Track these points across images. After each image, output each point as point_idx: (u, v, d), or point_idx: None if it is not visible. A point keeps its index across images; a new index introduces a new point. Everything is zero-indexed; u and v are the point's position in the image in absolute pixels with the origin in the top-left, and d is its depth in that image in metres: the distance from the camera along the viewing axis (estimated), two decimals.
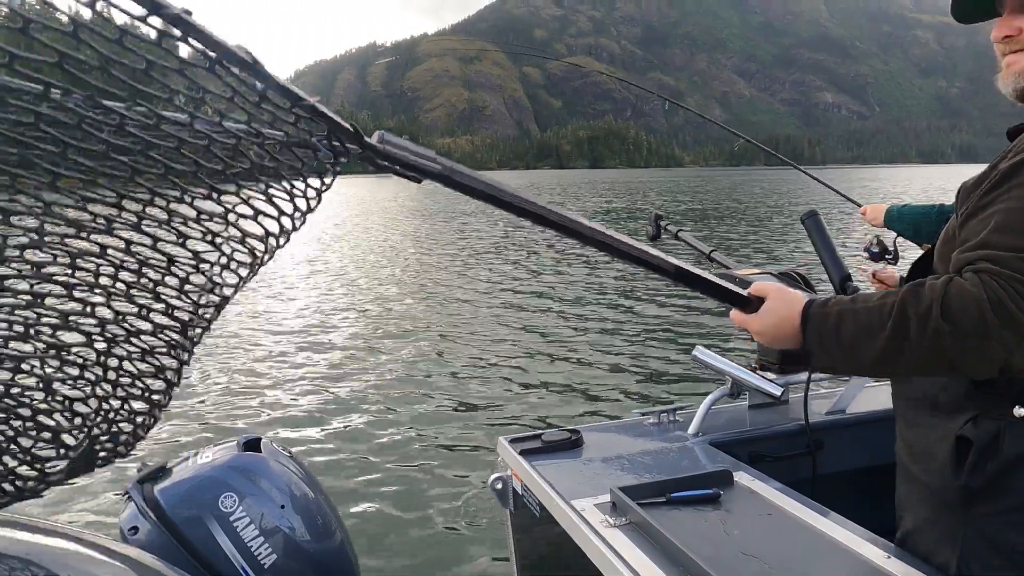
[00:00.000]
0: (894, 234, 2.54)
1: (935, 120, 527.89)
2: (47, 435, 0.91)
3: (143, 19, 0.63)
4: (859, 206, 2.76)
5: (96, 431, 0.96)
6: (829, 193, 3.11)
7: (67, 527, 1.09)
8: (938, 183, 53.58)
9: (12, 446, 0.91)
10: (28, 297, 0.79)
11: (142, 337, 0.88)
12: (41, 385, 0.86)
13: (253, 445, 1.59)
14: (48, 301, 0.80)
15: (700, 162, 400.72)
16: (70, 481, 4.68)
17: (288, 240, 0.75)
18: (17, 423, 0.89)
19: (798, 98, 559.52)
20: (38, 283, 0.79)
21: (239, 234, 0.82)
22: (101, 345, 0.86)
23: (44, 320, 0.82)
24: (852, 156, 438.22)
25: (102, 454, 1.00)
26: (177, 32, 0.65)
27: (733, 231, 24.73)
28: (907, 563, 1.24)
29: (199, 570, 1.42)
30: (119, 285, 0.83)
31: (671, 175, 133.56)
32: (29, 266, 0.66)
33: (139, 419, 0.99)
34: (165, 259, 0.82)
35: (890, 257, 2.61)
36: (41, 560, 0.98)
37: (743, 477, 1.63)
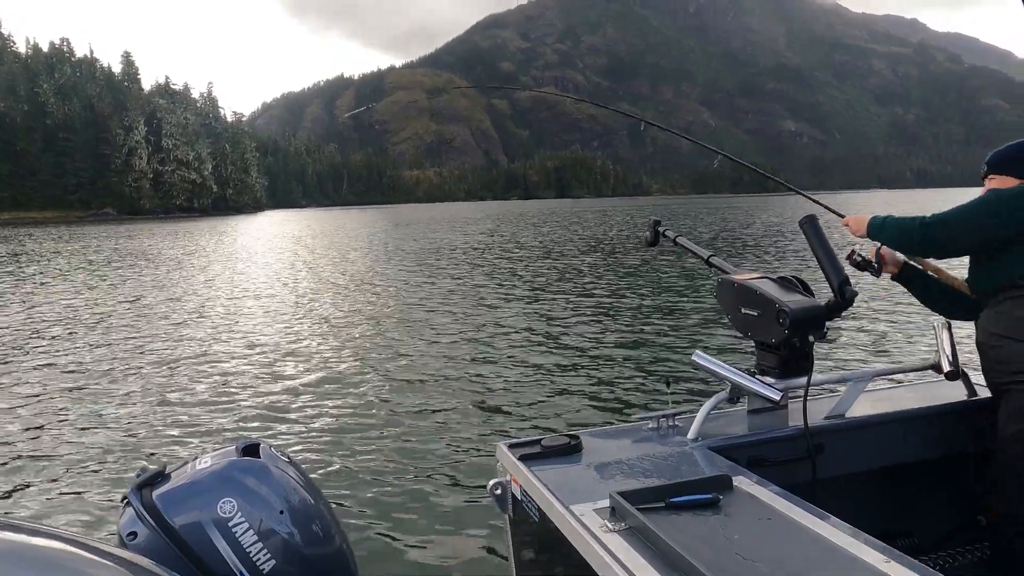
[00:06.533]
0: (877, 244, 2.50)
1: (892, 147, 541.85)
2: None
3: None
4: (841, 217, 2.69)
5: None
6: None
7: (66, 531, 1.09)
8: (904, 206, 54.28)
9: None
10: None
11: None
12: None
13: (252, 450, 1.59)
14: None
15: (667, 190, 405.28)
16: (69, 487, 4.96)
17: None
18: None
19: (761, 127, 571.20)
20: None
21: None
22: None
23: None
24: (815, 183, 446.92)
25: None
26: None
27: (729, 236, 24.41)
28: (907, 567, 1.23)
29: (197, 575, 1.41)
30: None
31: (638, 203, 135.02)
32: None
33: None
34: None
35: (875, 268, 2.57)
36: (40, 564, 0.98)
37: (742, 482, 1.62)
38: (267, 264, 22.86)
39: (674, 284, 14.30)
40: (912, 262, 2.61)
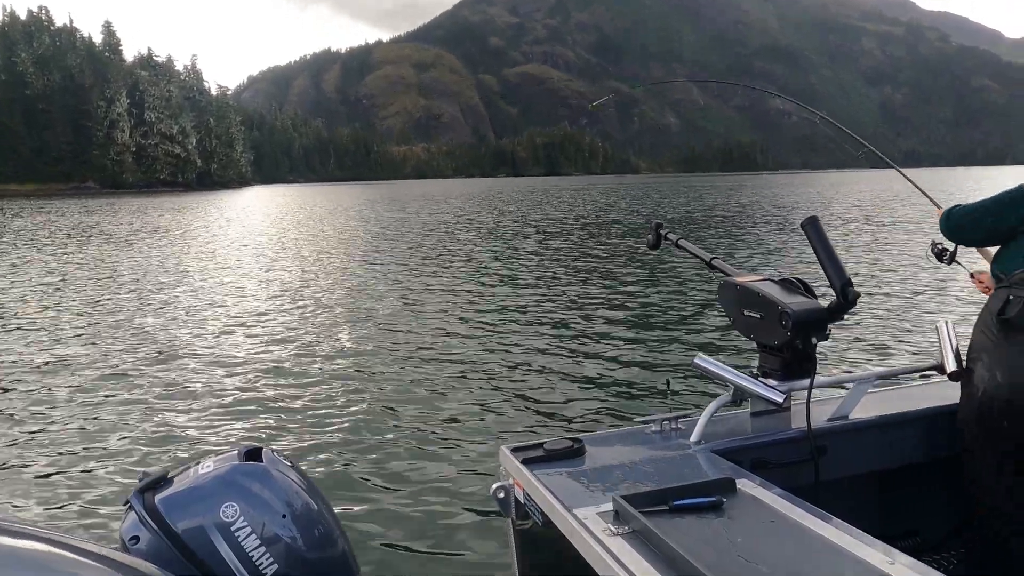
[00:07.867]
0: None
1: (882, 128, 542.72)
2: None
3: None
4: (939, 208, 2.72)
5: None
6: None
7: (68, 536, 1.09)
8: (898, 187, 54.10)
9: None
10: None
11: None
12: None
13: (254, 455, 1.59)
14: None
15: (656, 169, 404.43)
16: (71, 491, 4.98)
17: None
18: None
19: (751, 103, 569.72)
20: None
21: None
22: None
23: None
24: (802, 161, 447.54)
25: None
26: None
27: (729, 236, 24.11)
28: (911, 568, 1.23)
29: None
30: None
31: (627, 181, 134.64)
32: None
33: None
34: None
35: (946, 258, 2.70)
36: (41, 569, 0.97)
37: (746, 484, 1.62)
38: (263, 255, 22.30)
39: (675, 286, 14.03)
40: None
